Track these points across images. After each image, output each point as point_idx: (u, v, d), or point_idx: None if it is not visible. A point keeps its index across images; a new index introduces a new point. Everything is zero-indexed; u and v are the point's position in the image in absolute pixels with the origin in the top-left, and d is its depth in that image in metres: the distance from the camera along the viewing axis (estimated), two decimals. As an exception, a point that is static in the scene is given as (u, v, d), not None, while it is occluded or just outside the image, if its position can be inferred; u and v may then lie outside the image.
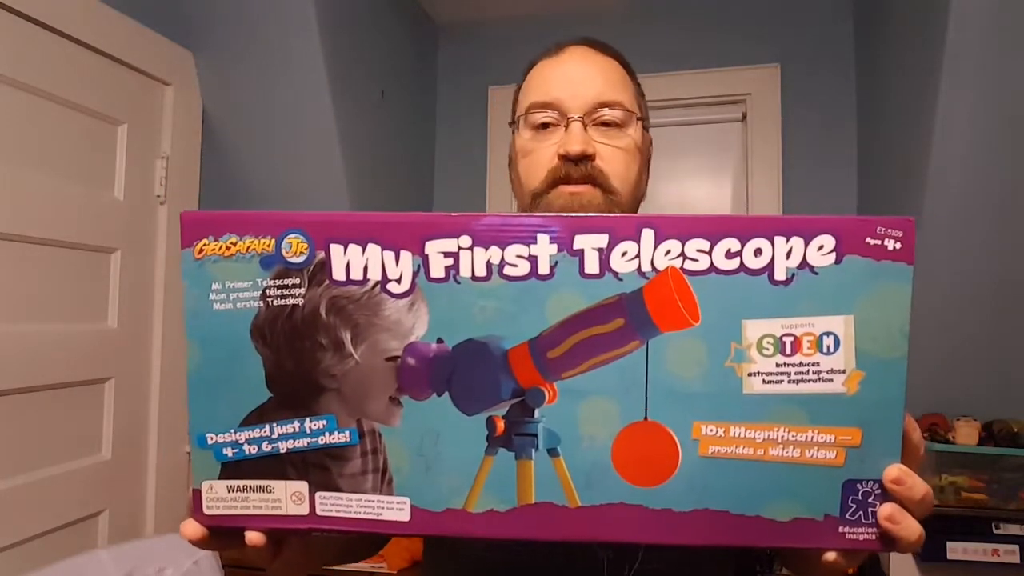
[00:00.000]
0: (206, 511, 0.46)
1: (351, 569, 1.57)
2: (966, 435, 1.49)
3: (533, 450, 0.44)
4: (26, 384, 1.24)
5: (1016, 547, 1.38)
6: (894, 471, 0.43)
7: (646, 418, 0.44)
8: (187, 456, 1.61)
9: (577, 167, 0.64)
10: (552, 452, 0.44)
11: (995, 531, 1.39)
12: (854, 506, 0.43)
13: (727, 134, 2.08)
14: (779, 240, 0.43)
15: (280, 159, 1.76)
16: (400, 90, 2.03)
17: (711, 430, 0.44)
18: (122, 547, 1.17)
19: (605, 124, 0.67)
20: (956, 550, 1.39)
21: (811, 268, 0.43)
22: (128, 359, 1.48)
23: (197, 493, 0.46)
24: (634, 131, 0.68)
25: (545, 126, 0.68)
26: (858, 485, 0.43)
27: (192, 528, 0.46)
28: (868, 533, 0.43)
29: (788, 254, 0.43)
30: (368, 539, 0.73)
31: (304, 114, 1.67)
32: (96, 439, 1.42)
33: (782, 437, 0.43)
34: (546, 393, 0.44)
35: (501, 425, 0.45)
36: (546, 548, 0.64)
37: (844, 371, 0.43)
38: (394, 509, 0.45)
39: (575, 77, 0.68)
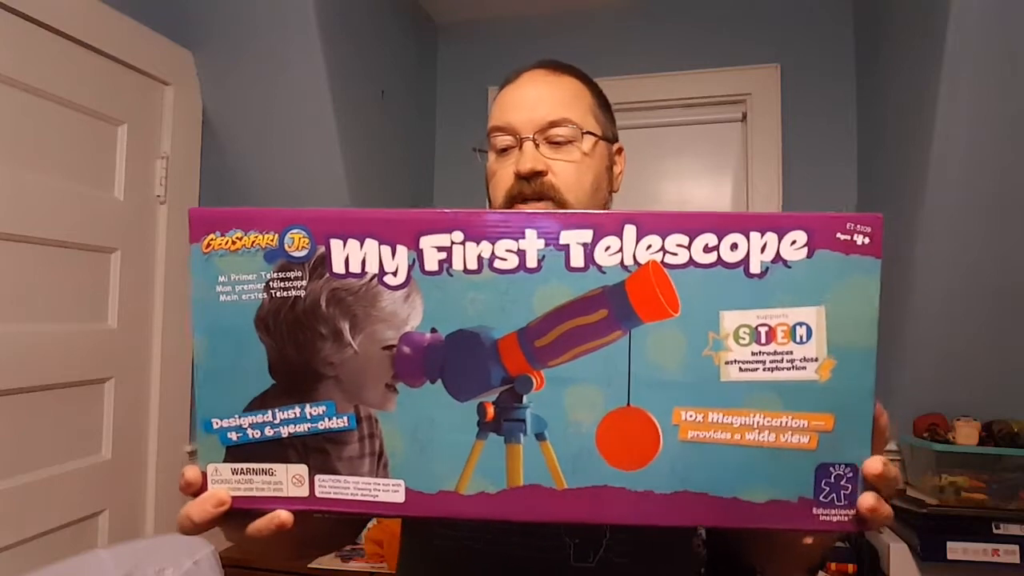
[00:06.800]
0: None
1: (351, 569, 1.57)
2: (966, 435, 1.50)
3: (521, 435, 0.47)
4: (26, 384, 1.24)
5: (1016, 547, 1.37)
6: (877, 465, 0.45)
7: (629, 404, 0.46)
8: (187, 455, 1.61)
9: (530, 184, 0.70)
10: (540, 436, 0.47)
11: (995, 531, 1.39)
12: (827, 488, 0.46)
13: (727, 134, 2.08)
14: (754, 235, 0.45)
15: (280, 159, 1.76)
16: (400, 90, 2.03)
17: (691, 416, 0.46)
18: (122, 547, 1.17)
19: (556, 142, 0.72)
20: (956, 550, 1.39)
21: (784, 262, 0.45)
22: (128, 359, 1.48)
23: (203, 475, 0.49)
24: (585, 144, 0.72)
25: (505, 150, 0.73)
26: (831, 468, 0.45)
27: (198, 509, 0.48)
28: (842, 515, 0.46)
29: (763, 248, 0.45)
30: (351, 524, 0.77)
31: (304, 114, 1.67)
32: (96, 439, 1.42)
33: (758, 422, 0.46)
34: (534, 380, 0.47)
35: (491, 411, 0.47)
36: (515, 535, 0.67)
37: (816, 359, 0.45)
38: (390, 491, 0.48)
39: (527, 101, 0.73)
